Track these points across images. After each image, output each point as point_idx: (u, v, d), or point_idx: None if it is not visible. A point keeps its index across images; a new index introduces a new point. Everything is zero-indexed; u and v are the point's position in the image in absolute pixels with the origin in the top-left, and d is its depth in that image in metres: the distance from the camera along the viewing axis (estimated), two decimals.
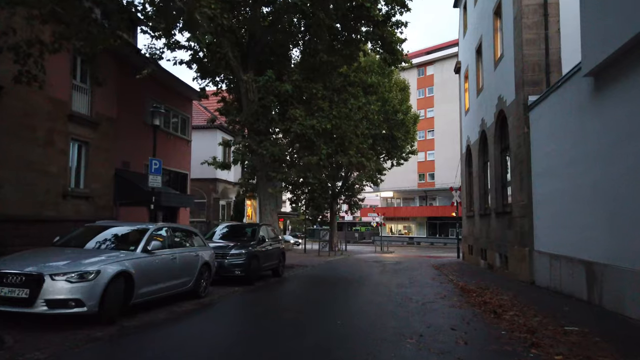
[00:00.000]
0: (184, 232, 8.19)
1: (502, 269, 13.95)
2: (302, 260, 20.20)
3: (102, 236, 6.82)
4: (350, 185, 34.65)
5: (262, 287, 10.34)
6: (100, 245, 6.59)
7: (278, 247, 12.81)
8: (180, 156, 21.56)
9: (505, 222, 13.54)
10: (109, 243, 6.66)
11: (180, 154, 21.49)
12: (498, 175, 14.87)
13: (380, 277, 13.34)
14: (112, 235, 6.85)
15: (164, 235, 7.28)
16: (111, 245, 6.63)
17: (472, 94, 19.48)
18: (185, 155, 22.50)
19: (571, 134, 8.76)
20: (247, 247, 10.52)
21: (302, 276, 13.36)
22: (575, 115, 8.60)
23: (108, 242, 6.69)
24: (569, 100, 8.89)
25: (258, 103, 13.63)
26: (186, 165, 22.60)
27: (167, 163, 20.23)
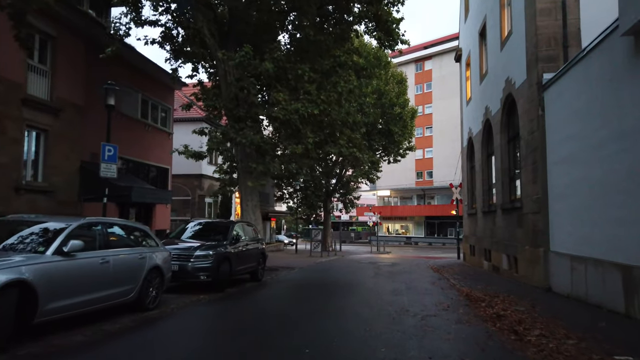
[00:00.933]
0: (126, 229, 6.62)
1: (510, 271, 12.44)
2: (290, 262, 18.65)
3: (7, 234, 5.26)
4: (345, 183, 33.16)
5: (232, 295, 8.79)
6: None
7: (257, 247, 11.26)
8: (161, 150, 19.93)
9: (514, 219, 12.03)
10: (13, 243, 5.10)
11: (160, 147, 19.87)
12: (505, 167, 13.36)
13: (374, 281, 11.81)
14: (22, 234, 5.29)
15: (92, 234, 5.72)
16: (17, 246, 5.07)
17: (474, 82, 17.97)
18: (166, 148, 20.84)
19: (601, 110, 7.24)
20: (216, 248, 8.97)
21: (284, 281, 11.81)
22: (607, 86, 7.09)
23: (13, 242, 5.13)
24: (598, 70, 7.38)
25: (236, 85, 12.08)
26: (167, 159, 20.98)
27: (145, 156, 18.68)
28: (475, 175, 18.39)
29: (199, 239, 9.77)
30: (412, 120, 32.35)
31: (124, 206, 15.90)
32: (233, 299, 8.44)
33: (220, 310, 7.38)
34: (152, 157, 19.10)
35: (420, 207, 48.82)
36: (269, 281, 11.48)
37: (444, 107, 46.75)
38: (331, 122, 13.34)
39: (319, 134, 12.94)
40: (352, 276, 13.32)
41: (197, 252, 8.62)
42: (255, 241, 11.27)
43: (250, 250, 10.70)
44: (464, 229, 21.17)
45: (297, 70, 12.25)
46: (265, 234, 35.86)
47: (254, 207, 14.26)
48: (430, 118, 49.27)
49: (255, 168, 12.41)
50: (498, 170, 13.87)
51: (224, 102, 12.99)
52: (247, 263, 10.41)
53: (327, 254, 25.79)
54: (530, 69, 10.56)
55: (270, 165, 12.28)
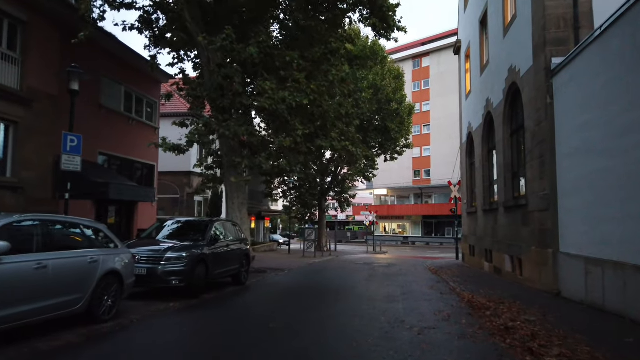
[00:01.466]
0: (75, 228, 5.69)
1: (513, 274, 11.58)
2: (281, 263, 17.75)
3: None
4: (340, 181, 32.28)
5: (208, 302, 7.88)
6: None
7: (240, 248, 10.35)
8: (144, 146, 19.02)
9: (518, 218, 11.17)
10: None
11: (145, 142, 18.93)
12: (508, 162, 12.50)
13: (367, 285, 10.92)
14: None
15: (27, 234, 4.81)
16: None
17: (474, 74, 17.11)
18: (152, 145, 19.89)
19: (625, 92, 6.37)
20: (190, 249, 8.05)
21: (270, 284, 10.90)
22: (629, 65, 6.22)
23: None
24: (620, 46, 6.50)
25: (219, 73, 11.17)
26: (153, 155, 20.04)
27: (129, 152, 17.73)
28: (475, 172, 17.54)
29: (174, 239, 8.85)
30: (410, 116, 31.50)
31: (102, 204, 14.96)
32: (208, 306, 7.53)
33: (189, 320, 6.47)
34: (136, 153, 18.16)
35: (418, 206, 47.98)
36: (253, 285, 10.57)
37: (442, 104, 45.91)
38: (322, 113, 12.42)
39: (309, 127, 12.02)
40: (344, 279, 12.43)
41: (168, 254, 7.70)
42: (238, 241, 10.35)
43: (232, 251, 9.78)
44: (463, 229, 20.32)
45: (285, 57, 11.35)
46: (259, 233, 34.97)
47: (240, 205, 13.34)
48: (428, 116, 48.41)
49: (239, 163, 11.50)
50: (500, 165, 13.01)
51: (207, 91, 12.08)
52: (228, 265, 9.50)
53: (321, 255, 24.90)
54: (537, 54, 9.69)
55: (256, 159, 11.36)
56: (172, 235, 9.03)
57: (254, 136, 11.33)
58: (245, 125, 11.45)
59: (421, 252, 33.12)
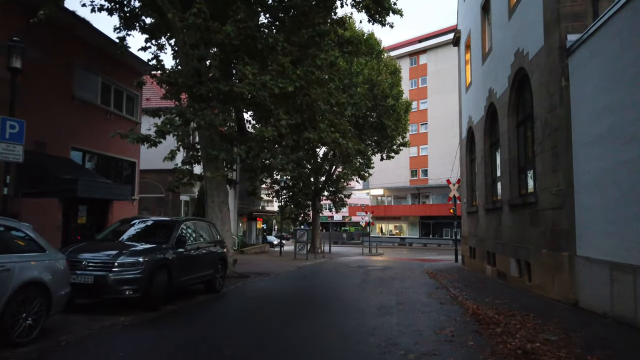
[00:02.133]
0: None
1: (520, 280, 10.46)
2: (269, 266, 16.59)
3: None
4: (334, 180, 31.15)
5: (167, 316, 6.71)
6: None
7: (215, 251, 9.18)
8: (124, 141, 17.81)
9: (526, 217, 10.06)
10: None
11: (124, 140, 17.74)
12: (513, 156, 11.40)
13: (358, 292, 9.79)
14: None
15: None
16: None
17: (475, 64, 16.01)
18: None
19: None
20: (148, 253, 6.89)
21: (249, 292, 9.74)
22: None
23: None
24: None
25: (193, 55, 10.02)
26: (134, 152, 18.84)
27: (107, 148, 16.52)
28: (476, 169, 16.44)
29: (135, 241, 7.69)
30: (406, 113, 30.42)
31: (71, 203, 13.77)
32: (165, 322, 6.35)
33: (132, 342, 5.27)
34: (115, 149, 16.96)
35: (415, 206, 46.89)
36: (230, 292, 9.40)
37: (440, 102, 44.86)
38: (310, 103, 11.29)
39: (295, 117, 10.88)
40: (334, 284, 11.30)
41: (120, 259, 6.53)
42: (212, 244, 9.18)
43: (204, 254, 8.62)
44: (462, 229, 19.22)
45: (268, 39, 10.21)
46: (250, 234, 33.77)
47: (221, 203, 12.18)
48: (425, 114, 47.35)
49: (216, 156, 10.34)
50: (505, 161, 11.90)
51: (182, 78, 10.93)
52: (198, 271, 8.33)
53: (314, 257, 23.76)
54: (549, 32, 8.58)
55: (234, 152, 10.21)
56: (133, 237, 7.85)
57: (232, 127, 10.16)
58: (223, 114, 10.30)
59: (418, 253, 32.02)
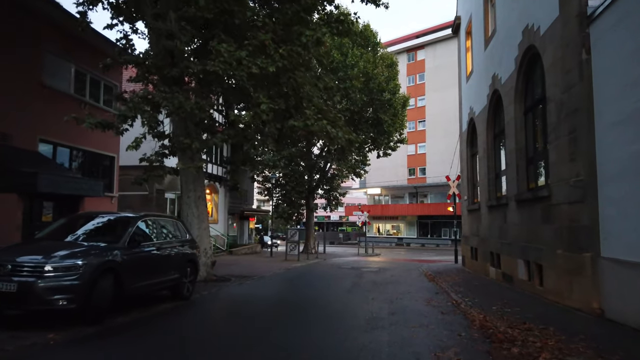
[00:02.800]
0: None
1: (530, 284, 9.33)
2: (255, 268, 15.43)
3: None
4: (329, 178, 30.02)
5: (112, 332, 5.53)
6: None
7: (183, 252, 8.01)
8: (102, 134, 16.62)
9: (537, 214, 8.92)
10: None
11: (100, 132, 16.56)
12: (521, 146, 10.27)
13: (347, 299, 8.64)
14: None
15: None
16: None
17: (477, 50, 14.90)
18: (110, 133, 17.52)
19: None
20: (89, 255, 5.71)
21: (223, 299, 8.55)
22: None
23: None
24: None
25: (160, 30, 8.86)
26: (113, 146, 17.69)
27: (81, 141, 15.35)
28: (477, 163, 15.33)
29: (82, 239, 6.51)
30: (404, 109, 29.29)
31: (35, 198, 12.58)
32: (106, 338, 5.17)
33: None
34: (91, 143, 15.79)
35: (413, 205, 45.75)
36: (200, 300, 8.22)
37: (438, 99, 43.76)
38: (296, 87, 10.12)
39: (278, 102, 9.71)
40: (322, 289, 10.14)
41: (53, 262, 5.35)
42: (179, 244, 8.00)
43: (167, 256, 7.45)
44: (463, 228, 18.09)
45: (246, 12, 9.05)
46: (242, 234, 32.56)
47: (198, 199, 11.02)
48: (423, 111, 46.23)
49: (189, 145, 9.17)
50: (511, 152, 10.76)
51: (153, 58, 9.77)
52: (159, 275, 7.15)
53: (306, 258, 22.59)
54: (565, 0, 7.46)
55: (209, 141, 9.04)
56: (80, 235, 6.66)
57: (205, 111, 8.98)
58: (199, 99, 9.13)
59: (416, 254, 30.89)
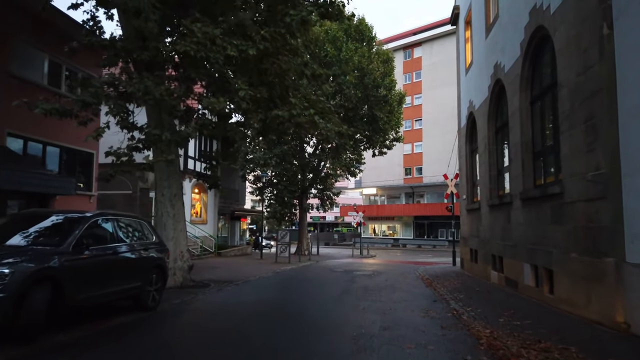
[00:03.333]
0: None
1: (538, 290, 8.42)
2: (241, 272, 14.47)
3: None
4: (322, 177, 29.07)
5: (44, 354, 4.57)
6: None
7: (146, 257, 7.04)
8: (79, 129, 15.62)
9: (546, 213, 8.03)
10: None
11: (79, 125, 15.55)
12: (527, 139, 9.38)
13: (334, 309, 7.71)
14: None
15: None
16: None
17: (477, 40, 14.02)
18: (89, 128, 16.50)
19: None
20: (20, 262, 4.75)
21: (193, 310, 7.57)
22: None
23: None
24: None
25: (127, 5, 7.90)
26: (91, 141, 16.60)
27: (55, 136, 14.38)
28: (477, 160, 14.45)
29: (23, 242, 5.54)
30: (400, 106, 28.40)
31: None
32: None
33: None
34: (67, 138, 14.81)
35: (409, 206, 44.88)
36: (167, 310, 7.25)
37: (435, 97, 42.93)
38: (280, 74, 9.19)
39: (260, 90, 8.77)
40: (308, 296, 9.21)
41: None
42: (143, 247, 7.03)
43: (126, 261, 6.49)
44: (461, 229, 17.20)
45: None
46: (233, 235, 31.56)
47: (174, 197, 10.06)
48: (420, 109, 45.37)
49: (158, 136, 8.21)
50: (516, 145, 9.86)
51: (121, 41, 8.81)
52: (116, 284, 6.19)
53: (298, 260, 21.62)
54: None
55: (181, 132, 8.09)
56: (18, 237, 5.68)
57: (176, 98, 8.01)
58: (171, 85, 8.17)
59: (413, 256, 30.00)
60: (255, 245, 29.91)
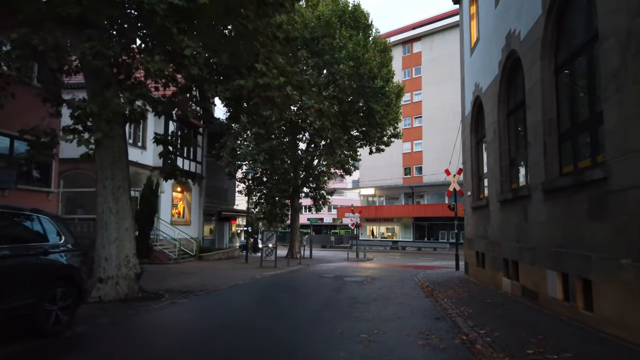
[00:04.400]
0: None
1: (569, 305, 6.61)
2: (215, 279, 12.64)
3: None
4: (316, 175, 27.29)
5: None
6: None
7: (44, 264, 5.23)
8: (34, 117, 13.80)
9: (581, 206, 6.23)
10: None
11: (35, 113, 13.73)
12: (551, 116, 7.59)
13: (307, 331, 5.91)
14: None
15: None
16: None
17: (485, 12, 12.26)
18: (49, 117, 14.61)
19: None
20: None
21: (121, 335, 5.73)
22: None
23: None
24: None
25: None
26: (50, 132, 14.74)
27: (2, 124, 12.57)
28: (485, 151, 12.68)
29: None
30: (398, 99, 26.65)
31: None
32: None
33: None
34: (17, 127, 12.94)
35: (409, 207, 43.02)
36: (84, 334, 5.45)
37: (435, 93, 41.17)
38: (246, 35, 7.39)
39: (220, 55, 6.98)
40: (279, 313, 7.37)
41: None
42: (40, 251, 5.20)
43: (14, 269, 4.67)
44: (466, 230, 15.39)
45: None
46: (222, 237, 29.73)
47: (118, 189, 8.27)
48: (420, 106, 43.58)
49: (82, 110, 6.41)
50: (535, 126, 8.06)
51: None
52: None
53: (286, 263, 19.79)
54: None
55: (111, 102, 6.29)
56: None
57: (101, 57, 6.18)
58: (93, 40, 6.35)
59: (412, 259, 28.16)
60: (254, 249, 27.88)
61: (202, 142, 25.50)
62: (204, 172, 25.51)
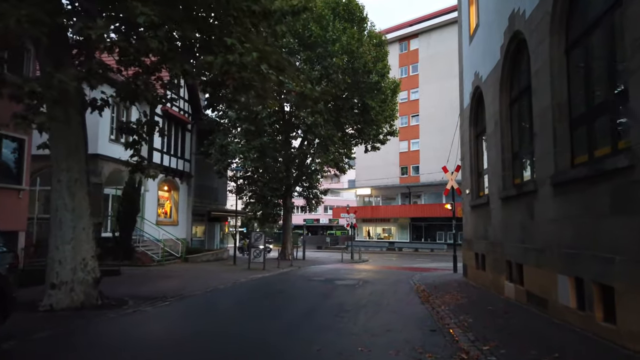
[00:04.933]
0: None
1: (583, 315, 5.73)
2: (195, 282, 11.72)
3: None
4: (309, 174, 26.38)
5: None
6: None
7: None
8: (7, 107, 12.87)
9: (600, 200, 5.37)
10: None
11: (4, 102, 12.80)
12: (561, 100, 6.73)
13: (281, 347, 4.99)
14: None
15: None
16: None
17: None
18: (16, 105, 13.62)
19: None
20: None
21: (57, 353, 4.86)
22: None
23: None
24: None
25: None
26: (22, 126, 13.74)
27: None
28: (484, 145, 11.84)
29: None
30: (394, 95, 25.79)
31: None
32: None
33: None
34: None
35: (405, 207, 42.15)
36: (6, 353, 4.53)
37: (433, 91, 40.33)
38: (215, 6, 6.51)
39: (185, 28, 6.09)
40: (255, 324, 6.47)
41: None
42: None
43: None
44: (464, 230, 14.52)
45: None
46: (212, 238, 28.75)
47: (74, 183, 7.35)
48: (417, 105, 42.73)
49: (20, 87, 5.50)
50: (544, 113, 7.19)
51: None
52: None
53: (276, 265, 18.87)
54: None
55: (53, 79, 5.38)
56: None
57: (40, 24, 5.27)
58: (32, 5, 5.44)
59: (409, 260, 27.26)
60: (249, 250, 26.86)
61: (191, 139, 24.58)
62: (193, 171, 24.59)
